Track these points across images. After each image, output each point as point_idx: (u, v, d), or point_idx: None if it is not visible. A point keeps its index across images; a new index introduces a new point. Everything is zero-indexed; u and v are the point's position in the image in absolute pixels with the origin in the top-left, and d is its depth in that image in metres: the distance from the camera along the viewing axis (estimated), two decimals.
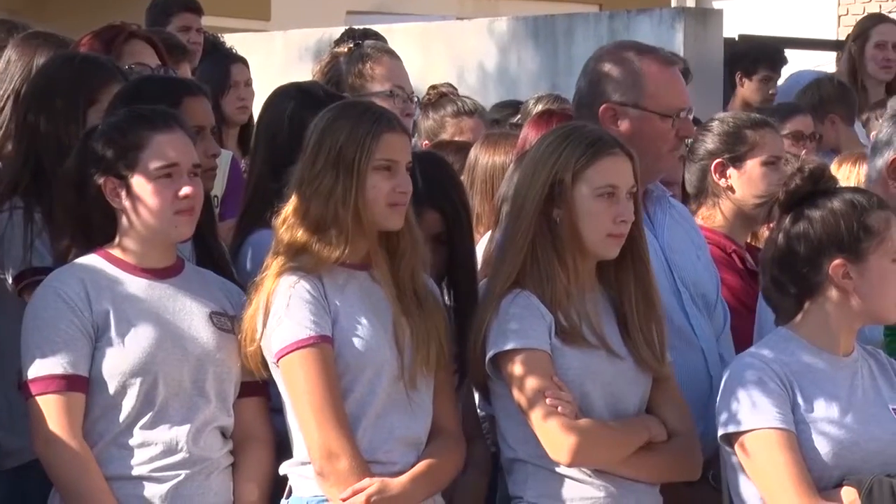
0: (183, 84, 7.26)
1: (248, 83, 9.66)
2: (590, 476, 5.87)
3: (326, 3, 13.99)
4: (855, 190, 6.45)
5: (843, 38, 15.47)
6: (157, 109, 6.04)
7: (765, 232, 7.12)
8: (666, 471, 6.04)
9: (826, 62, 13.38)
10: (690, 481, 6.12)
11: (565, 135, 6.22)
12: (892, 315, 6.12)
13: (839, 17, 16.43)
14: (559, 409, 5.71)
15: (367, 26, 10.85)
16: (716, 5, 15.53)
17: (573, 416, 5.77)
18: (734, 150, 7.56)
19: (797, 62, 13.18)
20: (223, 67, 9.70)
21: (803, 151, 8.96)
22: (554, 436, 5.74)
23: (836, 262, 5.79)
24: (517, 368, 5.77)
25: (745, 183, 7.47)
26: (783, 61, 12.23)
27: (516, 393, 5.78)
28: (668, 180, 7.12)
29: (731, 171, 7.47)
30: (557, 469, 5.83)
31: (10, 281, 6.39)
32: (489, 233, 6.98)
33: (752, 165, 7.51)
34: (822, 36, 15.26)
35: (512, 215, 6.16)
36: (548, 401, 5.70)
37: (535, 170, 6.08)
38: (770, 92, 11.58)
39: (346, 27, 10.99)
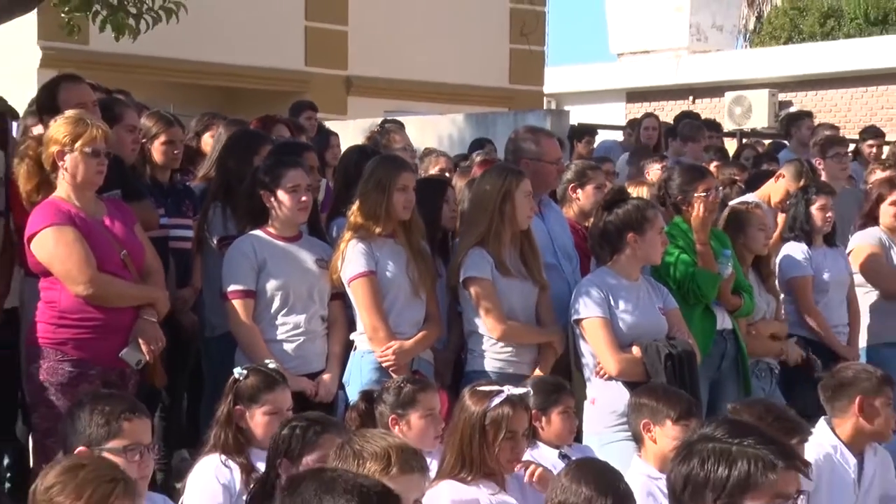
0: (303, 145, 7.85)
1: (338, 146, 9.72)
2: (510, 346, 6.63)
3: (373, 105, 14.44)
4: (639, 199, 7.11)
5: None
6: (289, 158, 6.75)
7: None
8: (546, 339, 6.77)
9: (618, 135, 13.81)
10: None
11: (501, 169, 7.12)
12: (656, 259, 6.83)
13: (627, 115, 16.25)
14: (491, 306, 6.57)
15: (392, 117, 11.20)
16: (566, 108, 15.74)
17: (499, 310, 6.59)
18: (580, 180, 7.79)
19: (604, 134, 13.58)
20: (325, 138, 9.83)
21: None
22: (489, 323, 6.58)
23: (630, 235, 6.60)
24: (473, 286, 6.60)
25: (584, 196, 7.70)
26: (595, 134, 12.43)
27: (472, 298, 6.61)
28: (550, 192, 7.53)
29: (579, 191, 7.72)
30: (492, 342, 6.62)
31: (214, 242, 6.94)
32: None
33: (589, 189, 7.74)
34: (617, 121, 15.50)
35: (472, 210, 6.91)
36: (484, 303, 6.57)
37: (487, 186, 6.77)
38: (590, 150, 11.77)
39: (382, 118, 11.36)
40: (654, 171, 8.52)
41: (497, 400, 5.00)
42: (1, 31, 7.98)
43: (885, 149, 13.22)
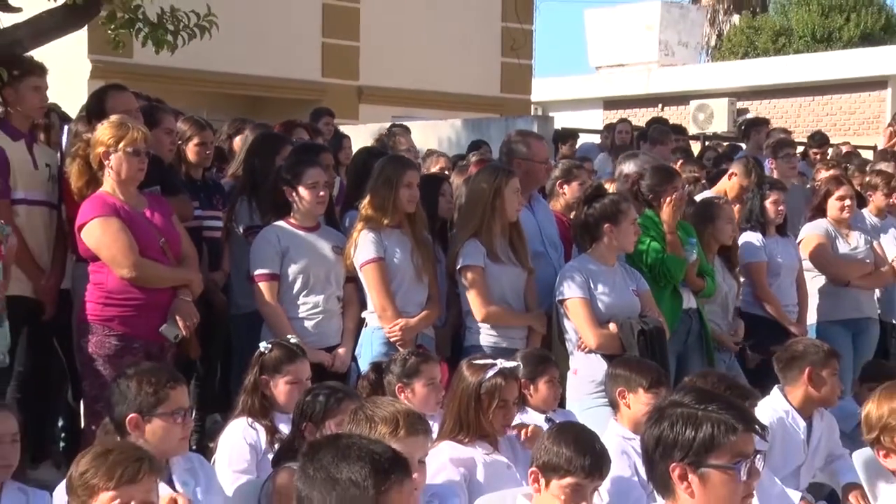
0: (320, 147, 7.86)
1: (349, 147, 9.60)
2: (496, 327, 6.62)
3: (381, 112, 14.43)
4: (615, 194, 7.06)
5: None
6: (308, 158, 6.77)
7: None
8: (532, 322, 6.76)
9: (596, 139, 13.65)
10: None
11: (493, 168, 7.16)
12: (630, 247, 6.80)
13: (604, 121, 16.07)
14: (479, 292, 6.57)
15: (398, 122, 11.16)
16: (550, 114, 15.69)
17: (485, 296, 6.59)
18: (567, 177, 7.79)
19: (584, 137, 13.49)
20: (339, 140, 9.77)
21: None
22: (475, 307, 6.59)
23: (607, 226, 6.58)
24: (467, 273, 6.60)
25: (570, 192, 7.67)
26: (577, 137, 12.25)
27: (465, 283, 6.62)
28: (539, 188, 7.62)
29: (565, 186, 7.72)
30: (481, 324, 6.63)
31: (241, 232, 6.97)
32: None
33: (575, 185, 7.71)
34: (595, 126, 15.37)
35: (467, 204, 6.88)
36: (474, 288, 6.57)
37: (481, 184, 6.77)
38: (572, 151, 11.61)
39: (389, 123, 11.37)
40: (628, 166, 8.43)
41: (491, 372, 5.00)
42: (55, 46, 7.96)
43: (830, 151, 13.20)
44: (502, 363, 5.13)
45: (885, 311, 8.70)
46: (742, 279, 8.03)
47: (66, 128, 7.15)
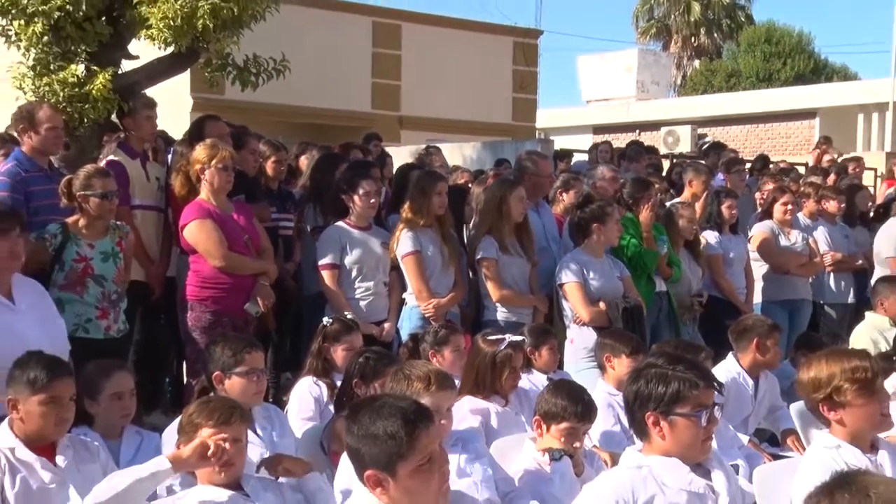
0: (370, 163, 7.71)
1: (391, 164, 9.35)
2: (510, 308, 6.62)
3: (418, 136, 14.42)
4: (602, 200, 6.96)
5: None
6: (361, 172, 6.71)
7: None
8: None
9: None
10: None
11: (501, 180, 7.24)
12: (615, 242, 6.76)
13: (593, 142, 15.67)
14: (494, 279, 6.55)
15: (432, 144, 10.95)
16: (551, 137, 15.70)
17: (499, 282, 6.55)
18: (566, 187, 7.61)
19: (577, 157, 12.59)
20: (383, 158, 9.48)
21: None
22: (492, 290, 6.58)
23: (595, 225, 6.59)
24: (483, 263, 6.61)
25: (568, 198, 7.48)
26: (572, 156, 12.02)
27: (483, 271, 6.64)
28: (543, 196, 7.50)
29: (564, 195, 7.57)
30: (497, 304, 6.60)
31: (308, 230, 6.97)
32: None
33: (572, 193, 7.50)
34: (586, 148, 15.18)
35: (482, 209, 6.85)
36: (489, 276, 6.57)
37: (492, 192, 6.80)
38: (569, 166, 11.22)
39: (425, 145, 11.15)
40: (599, 173, 8.38)
41: (503, 345, 4.95)
42: (164, 85, 8.05)
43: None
44: (510, 337, 5.08)
45: (816, 293, 8.63)
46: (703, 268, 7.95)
47: (171, 149, 7.16)
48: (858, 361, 3.63)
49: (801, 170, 13.13)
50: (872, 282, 7.73)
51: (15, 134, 6.31)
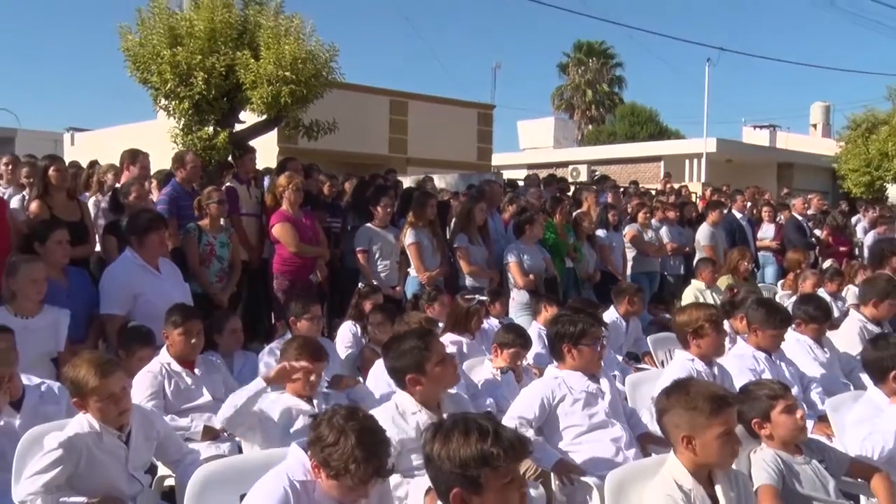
0: (387, 187, 7.21)
1: (401, 187, 8.14)
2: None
3: (419, 170, 14.41)
4: (531, 210, 6.80)
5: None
6: (381, 192, 6.36)
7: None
8: None
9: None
10: None
11: (470, 197, 6.71)
12: (540, 236, 6.48)
13: (527, 172, 15.41)
14: (465, 260, 6.23)
15: (426, 175, 10.35)
16: (502, 171, 15.26)
17: (468, 262, 6.23)
18: (510, 202, 7.37)
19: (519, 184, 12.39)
20: (396, 185, 8.37)
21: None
22: (464, 267, 6.16)
23: (528, 226, 6.36)
24: (458, 251, 6.26)
25: (511, 210, 7.20)
26: (516, 185, 11.02)
27: (458, 255, 6.28)
28: (497, 208, 7.18)
29: (509, 207, 7.23)
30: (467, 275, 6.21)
31: (349, 228, 6.75)
32: None
33: (514, 206, 7.25)
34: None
35: (458, 216, 6.50)
36: (462, 258, 6.26)
37: (464, 205, 6.46)
38: (513, 190, 9.41)
39: (423, 175, 10.56)
40: (531, 193, 8.31)
41: (474, 302, 4.88)
42: (260, 139, 8.16)
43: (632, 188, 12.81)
44: (478, 297, 5.05)
45: (662, 268, 8.41)
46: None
47: (265, 178, 7.06)
48: (713, 310, 3.59)
49: (654, 192, 13.05)
50: (695, 261, 7.66)
51: (172, 170, 6.17)
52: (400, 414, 2.74)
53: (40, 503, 2.42)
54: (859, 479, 2.68)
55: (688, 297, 6.53)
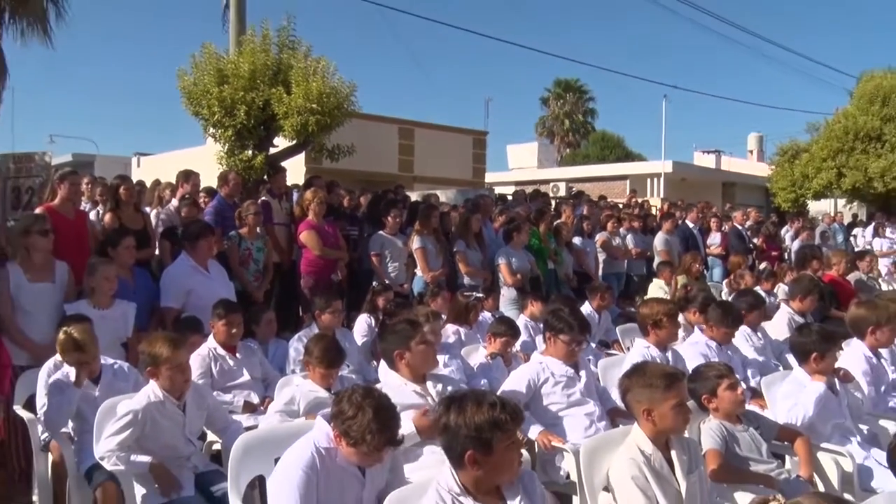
0: (397, 201, 7.25)
1: (409, 200, 7.97)
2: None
3: (423, 186, 14.32)
4: (519, 220, 6.62)
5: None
6: (392, 205, 6.37)
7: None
8: None
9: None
10: None
11: (467, 210, 6.66)
12: (525, 241, 6.37)
13: (515, 188, 15.32)
14: (464, 263, 6.14)
15: (430, 191, 10.28)
16: (494, 188, 15.33)
17: (466, 264, 6.11)
18: (501, 212, 7.17)
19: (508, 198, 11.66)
20: (404, 199, 8.45)
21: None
22: (462, 268, 6.09)
23: (515, 233, 6.29)
24: (458, 254, 6.15)
25: (501, 219, 6.92)
26: (506, 199, 10.79)
27: (458, 258, 6.18)
28: (489, 218, 7.09)
29: (500, 217, 7.02)
30: (465, 275, 6.19)
31: (365, 235, 6.42)
32: None
33: (504, 216, 7.03)
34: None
35: (458, 225, 6.39)
36: (461, 261, 6.10)
37: (463, 216, 6.39)
38: (503, 203, 9.56)
39: (428, 191, 10.80)
40: (520, 206, 8.27)
41: (471, 298, 4.89)
42: (291, 160, 8.18)
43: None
44: (475, 294, 5.09)
45: (628, 269, 8.34)
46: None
47: (294, 193, 6.94)
48: (670, 305, 3.62)
49: (621, 206, 12.98)
50: (655, 264, 7.65)
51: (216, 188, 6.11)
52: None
53: (115, 459, 2.52)
54: (786, 443, 2.81)
55: (652, 293, 6.44)
